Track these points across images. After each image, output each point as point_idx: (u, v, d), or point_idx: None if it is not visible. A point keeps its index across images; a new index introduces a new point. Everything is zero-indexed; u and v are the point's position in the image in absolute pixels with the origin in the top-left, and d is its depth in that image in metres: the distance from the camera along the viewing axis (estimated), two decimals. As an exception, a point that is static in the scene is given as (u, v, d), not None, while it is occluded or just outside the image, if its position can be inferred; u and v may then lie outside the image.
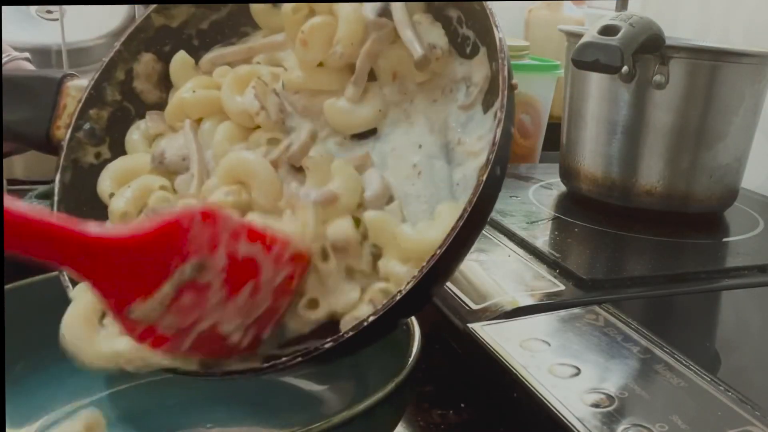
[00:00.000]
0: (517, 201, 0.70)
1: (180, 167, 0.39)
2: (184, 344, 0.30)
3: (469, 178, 0.35)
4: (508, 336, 0.44)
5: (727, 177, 0.67)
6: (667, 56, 0.62)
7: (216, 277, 0.29)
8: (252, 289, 0.31)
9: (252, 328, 0.32)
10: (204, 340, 0.31)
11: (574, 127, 0.71)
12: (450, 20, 0.38)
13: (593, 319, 0.45)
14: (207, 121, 0.40)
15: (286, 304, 0.33)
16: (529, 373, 0.39)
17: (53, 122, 0.53)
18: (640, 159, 0.66)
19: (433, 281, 0.33)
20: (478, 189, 0.31)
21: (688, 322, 0.51)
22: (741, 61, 0.64)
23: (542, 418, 0.37)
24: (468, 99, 0.37)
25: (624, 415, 0.36)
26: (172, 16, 0.43)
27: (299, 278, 0.33)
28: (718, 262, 0.60)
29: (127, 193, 0.39)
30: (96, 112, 0.42)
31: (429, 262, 0.31)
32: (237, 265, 0.30)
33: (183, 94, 0.40)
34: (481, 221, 0.34)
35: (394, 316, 0.33)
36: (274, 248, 0.31)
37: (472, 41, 0.37)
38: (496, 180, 0.33)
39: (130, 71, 0.42)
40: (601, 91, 0.67)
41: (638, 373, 0.40)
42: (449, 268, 0.35)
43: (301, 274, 0.33)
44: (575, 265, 0.54)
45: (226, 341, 0.31)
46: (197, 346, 0.31)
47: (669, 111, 0.64)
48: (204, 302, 0.30)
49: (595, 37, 0.58)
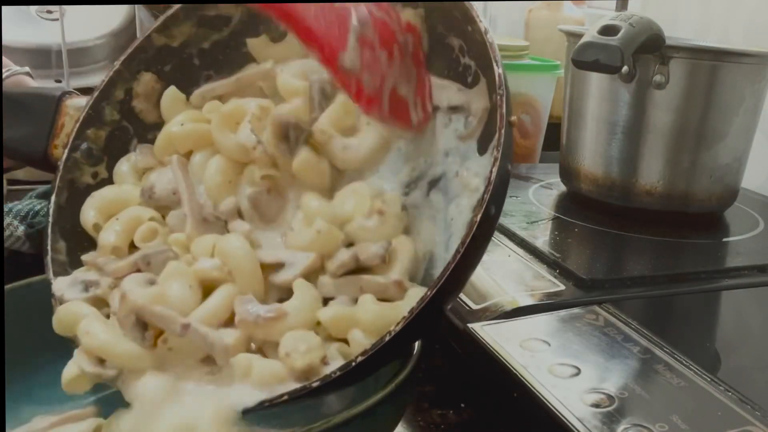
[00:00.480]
0: (517, 201, 0.70)
1: (170, 201, 0.39)
2: (383, 106, 0.37)
3: (464, 213, 0.35)
4: (508, 336, 0.44)
5: (727, 177, 0.67)
6: (667, 56, 0.62)
7: (374, 35, 0.36)
8: (399, 52, 0.37)
9: (418, 97, 0.38)
10: (394, 105, 0.38)
11: (574, 127, 0.71)
12: (452, 49, 0.38)
13: (593, 319, 0.45)
14: (197, 154, 0.40)
15: (426, 78, 0.39)
16: (529, 373, 0.39)
17: (51, 141, 0.53)
18: (640, 159, 0.66)
19: (430, 315, 0.32)
20: (472, 229, 0.31)
21: (688, 322, 0.51)
22: (741, 61, 0.64)
23: (542, 418, 0.37)
24: (467, 129, 0.37)
25: (624, 415, 0.36)
26: (173, 36, 0.43)
27: (419, 47, 0.38)
28: (718, 262, 0.60)
29: (116, 226, 0.38)
30: (94, 131, 0.42)
31: (422, 301, 0.30)
32: (379, 25, 0.37)
33: (172, 128, 0.40)
34: (475, 259, 0.33)
35: (384, 355, 0.32)
36: (392, 13, 0.38)
37: (473, 71, 0.37)
38: (491, 219, 0.32)
39: (130, 90, 0.42)
40: (601, 91, 0.67)
41: (638, 373, 0.40)
42: (446, 301, 0.34)
43: (418, 43, 0.38)
44: (575, 265, 0.54)
45: (408, 110, 0.38)
46: (393, 111, 0.38)
47: (669, 111, 0.64)
48: (377, 60, 0.37)
49: (595, 37, 0.58)
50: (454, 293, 0.35)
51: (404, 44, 0.37)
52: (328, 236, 0.35)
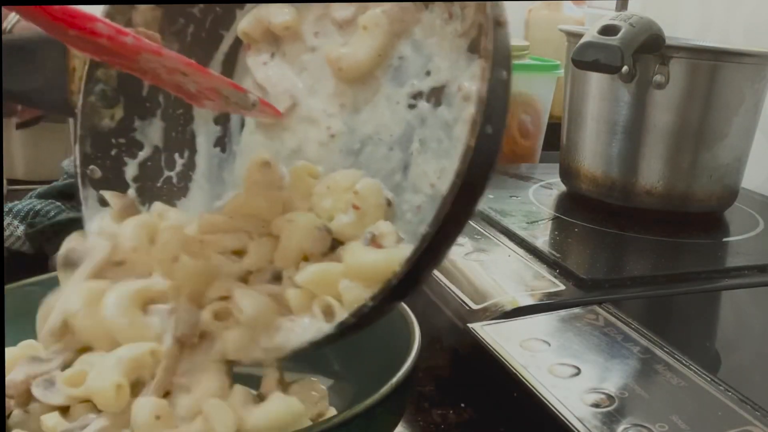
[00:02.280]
0: (517, 201, 0.70)
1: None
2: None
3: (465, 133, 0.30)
4: (508, 336, 0.44)
5: (727, 177, 0.67)
6: (667, 56, 0.62)
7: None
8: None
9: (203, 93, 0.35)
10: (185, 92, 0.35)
11: (574, 127, 0.71)
12: None
13: (593, 319, 0.45)
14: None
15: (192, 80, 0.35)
16: (529, 373, 0.39)
17: (68, 87, 0.52)
18: (640, 159, 0.66)
19: (428, 261, 0.31)
20: (468, 156, 0.27)
21: (688, 322, 0.51)
22: (741, 61, 0.64)
23: (542, 418, 0.37)
24: (465, 25, 0.33)
25: (624, 414, 0.36)
26: None
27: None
28: (718, 262, 0.60)
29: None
30: (103, 72, 0.40)
31: (422, 243, 0.29)
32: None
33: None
34: (475, 191, 0.30)
35: (390, 301, 0.31)
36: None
37: None
38: (490, 140, 0.28)
39: (129, 21, 0.40)
40: (601, 91, 0.67)
41: (638, 373, 0.40)
42: (446, 243, 0.32)
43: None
44: (575, 265, 0.54)
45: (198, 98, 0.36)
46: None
47: (669, 111, 0.64)
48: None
49: (595, 37, 0.58)
50: (458, 225, 0.32)
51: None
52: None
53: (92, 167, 0.40)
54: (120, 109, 0.41)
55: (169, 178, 0.42)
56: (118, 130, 0.40)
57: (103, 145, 0.40)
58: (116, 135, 0.40)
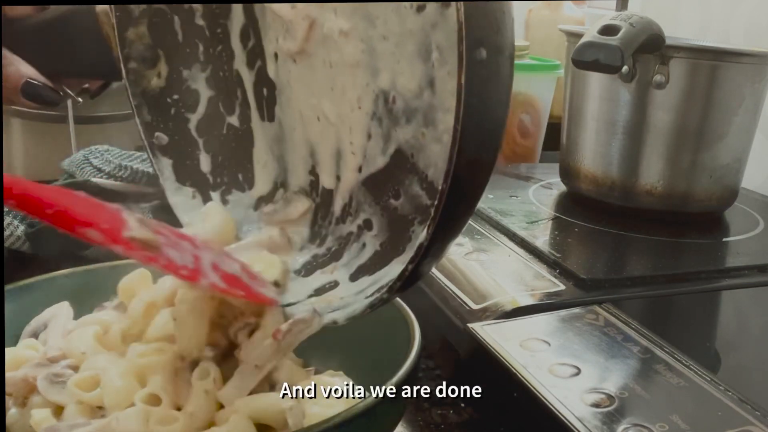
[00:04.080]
0: (517, 201, 0.70)
1: None
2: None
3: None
4: (508, 336, 0.44)
5: (727, 177, 0.67)
6: (667, 56, 0.62)
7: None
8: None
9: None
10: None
11: (574, 127, 0.71)
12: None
13: (593, 319, 0.45)
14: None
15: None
16: (529, 373, 0.39)
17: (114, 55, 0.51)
18: (640, 159, 0.66)
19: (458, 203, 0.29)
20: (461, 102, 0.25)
21: (688, 322, 0.51)
22: (741, 61, 0.64)
23: (542, 418, 0.37)
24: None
25: (624, 414, 0.36)
26: None
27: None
28: (718, 262, 0.60)
29: None
30: (133, 31, 0.38)
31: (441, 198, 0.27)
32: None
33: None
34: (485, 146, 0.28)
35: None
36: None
37: None
38: (484, 66, 0.25)
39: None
40: (601, 91, 0.67)
41: (638, 373, 0.40)
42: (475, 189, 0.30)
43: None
44: (575, 265, 0.54)
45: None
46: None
47: (669, 111, 0.64)
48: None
49: (595, 36, 0.58)
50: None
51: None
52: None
53: (157, 134, 0.39)
54: (163, 65, 0.39)
55: (231, 124, 0.41)
56: (169, 87, 0.39)
57: (160, 107, 0.39)
58: (169, 93, 0.39)
